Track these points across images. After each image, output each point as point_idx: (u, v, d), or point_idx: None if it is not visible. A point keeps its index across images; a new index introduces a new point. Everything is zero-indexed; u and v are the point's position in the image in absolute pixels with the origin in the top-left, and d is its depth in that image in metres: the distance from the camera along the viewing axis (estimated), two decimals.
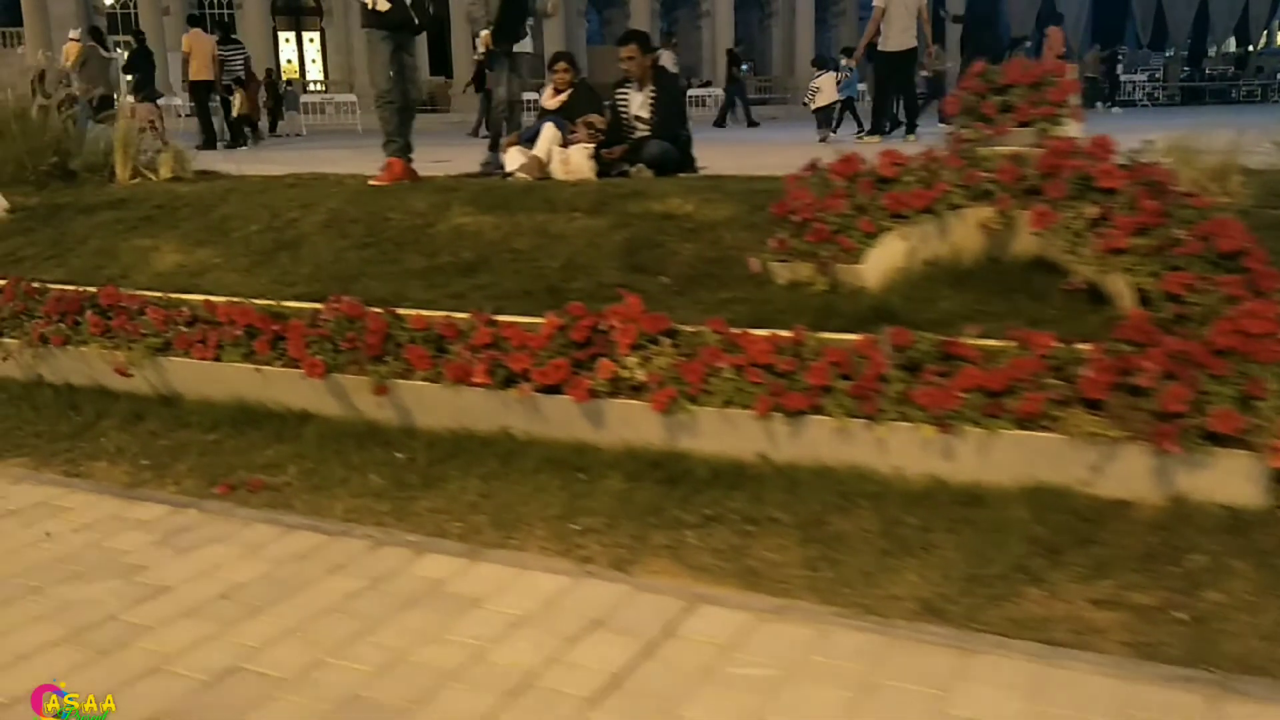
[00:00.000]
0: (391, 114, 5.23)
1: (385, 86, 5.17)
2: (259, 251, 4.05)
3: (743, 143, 13.62)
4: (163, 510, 2.82)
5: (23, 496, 2.96)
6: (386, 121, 5.27)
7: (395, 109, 5.21)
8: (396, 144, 5.26)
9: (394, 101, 5.19)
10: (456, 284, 3.48)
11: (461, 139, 19.00)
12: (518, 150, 5.89)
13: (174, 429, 3.43)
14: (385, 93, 5.20)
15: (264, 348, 3.30)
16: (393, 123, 5.24)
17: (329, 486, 2.93)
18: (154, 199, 5.06)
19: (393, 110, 5.22)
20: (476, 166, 6.87)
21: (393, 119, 5.24)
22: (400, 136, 5.26)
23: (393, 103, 5.21)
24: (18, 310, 3.82)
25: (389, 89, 5.17)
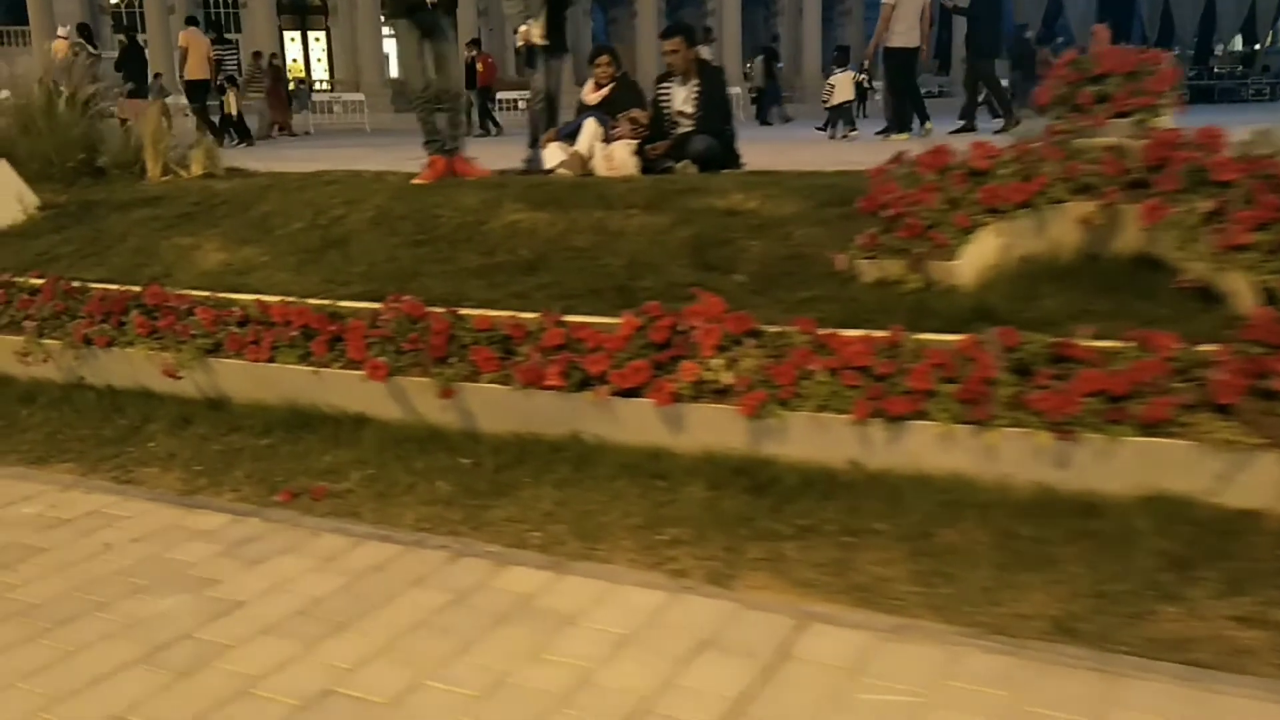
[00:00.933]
0: (428, 111, 4.99)
1: (418, 83, 4.91)
2: (307, 250, 3.95)
3: (768, 140, 13.49)
4: (224, 519, 2.72)
5: (74, 505, 2.87)
6: (424, 119, 5.01)
7: (432, 105, 4.96)
8: (437, 142, 5.03)
9: (429, 98, 4.95)
10: (518, 283, 3.37)
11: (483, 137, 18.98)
12: (558, 146, 5.79)
13: (225, 433, 3.34)
14: (419, 89, 4.94)
15: (321, 349, 3.19)
16: (431, 119, 5.00)
17: (395, 494, 2.83)
18: (189, 196, 4.97)
19: (429, 107, 4.98)
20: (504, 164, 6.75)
21: (431, 116, 5.00)
22: (441, 133, 5.03)
23: (428, 100, 4.96)
24: (58, 310, 3.73)
25: (422, 84, 4.91)
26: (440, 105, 4.95)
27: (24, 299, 3.89)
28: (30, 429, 3.55)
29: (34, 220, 4.89)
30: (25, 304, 3.88)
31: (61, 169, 5.81)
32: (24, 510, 2.84)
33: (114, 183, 5.65)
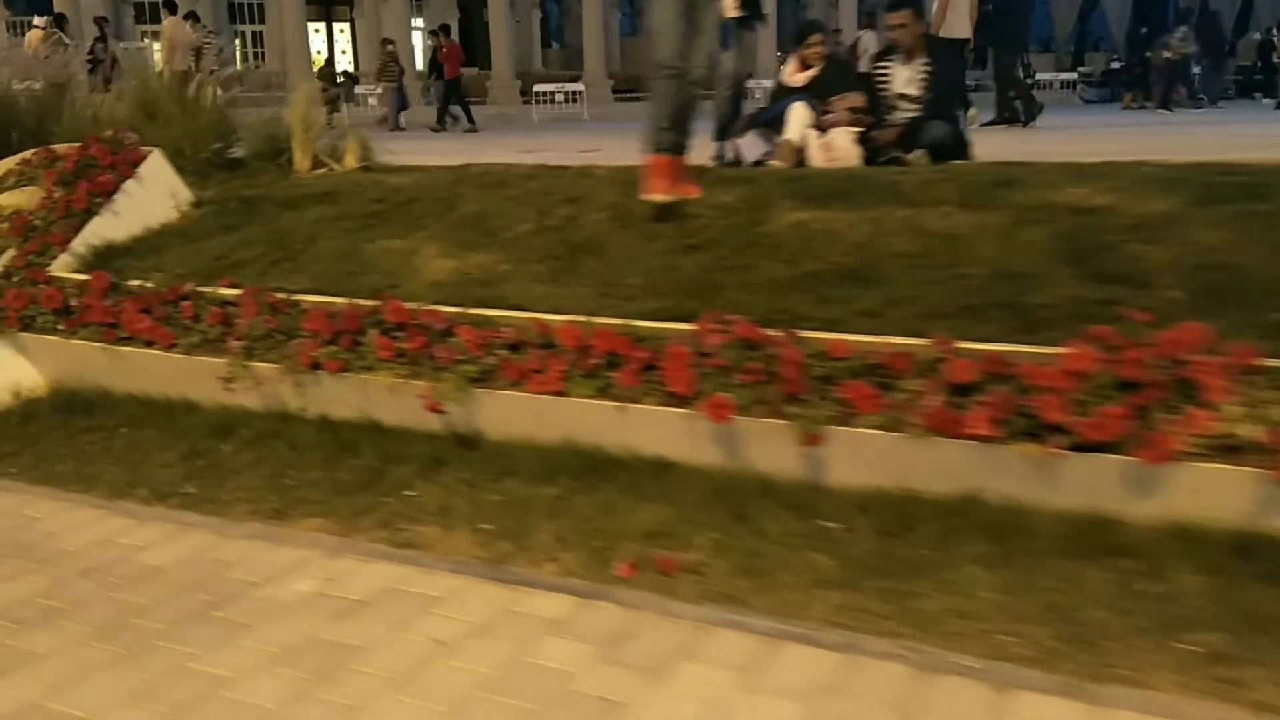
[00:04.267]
0: (673, 90, 3.82)
1: (670, 51, 3.72)
2: (552, 256, 3.45)
3: None
4: (567, 603, 2.21)
5: (357, 579, 2.37)
6: (663, 100, 3.83)
7: (680, 85, 3.82)
8: (669, 135, 3.82)
9: (680, 74, 3.80)
10: (855, 298, 2.85)
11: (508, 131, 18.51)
12: (756, 136, 5.27)
13: (494, 479, 2.85)
14: (669, 58, 3.75)
15: (630, 380, 2.68)
16: (672, 103, 3.83)
17: (765, 570, 2.31)
18: (364, 191, 4.50)
19: (677, 85, 3.82)
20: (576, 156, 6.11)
21: (673, 98, 3.83)
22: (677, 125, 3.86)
23: (678, 75, 3.80)
24: (270, 328, 3.25)
25: (675, 53, 3.73)
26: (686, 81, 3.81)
27: (215, 313, 3.43)
28: (241, 470, 3.08)
29: (191, 218, 4.44)
30: (217, 318, 3.41)
31: (194, 160, 5.36)
32: (299, 588, 2.35)
33: (259, 175, 5.21)
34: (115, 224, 4.17)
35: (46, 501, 2.94)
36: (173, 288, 3.52)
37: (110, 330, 3.51)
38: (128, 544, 2.62)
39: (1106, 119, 15.48)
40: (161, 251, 4.04)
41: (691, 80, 3.76)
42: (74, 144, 4.63)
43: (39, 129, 6.24)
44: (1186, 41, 17.73)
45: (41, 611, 2.26)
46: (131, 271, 3.83)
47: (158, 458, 3.21)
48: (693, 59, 3.70)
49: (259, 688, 1.93)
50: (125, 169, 4.30)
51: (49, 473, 3.17)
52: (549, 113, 23.56)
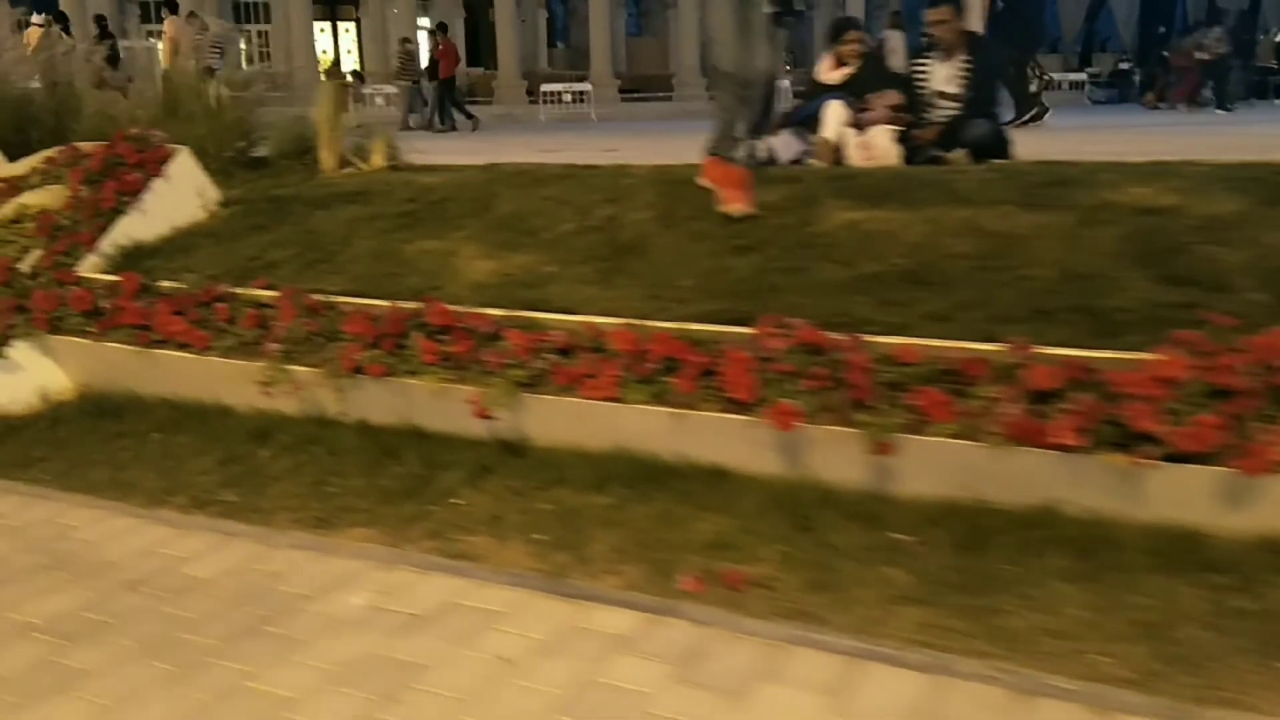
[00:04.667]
0: (738, 100, 3.66)
1: (729, 58, 3.57)
2: (597, 257, 3.37)
3: None
4: (634, 619, 2.14)
5: (412, 592, 2.31)
6: (730, 110, 3.65)
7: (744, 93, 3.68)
8: (738, 144, 3.67)
9: (743, 81, 3.65)
10: (921, 301, 2.77)
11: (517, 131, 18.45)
12: (790, 135, 5.19)
13: (544, 487, 2.78)
14: (729, 66, 3.62)
15: (688, 385, 2.60)
16: (738, 113, 3.68)
17: (838, 585, 2.24)
18: (396, 191, 4.43)
19: (741, 94, 3.66)
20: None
21: (738, 107, 3.67)
22: (744, 134, 3.72)
23: (741, 83, 3.64)
24: (310, 331, 3.17)
25: (738, 62, 3.58)
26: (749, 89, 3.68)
27: (250, 315, 3.35)
28: (280, 477, 3.01)
29: (219, 218, 4.37)
30: (253, 321, 3.34)
31: (217, 159, 5.28)
32: (353, 601, 2.27)
33: (284, 174, 5.13)
34: (143, 224, 4.11)
35: (82, 510, 2.87)
36: (206, 289, 3.45)
37: (143, 333, 3.44)
38: (170, 554, 2.55)
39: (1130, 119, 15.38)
40: (191, 252, 3.97)
41: (754, 84, 3.64)
42: (99, 142, 4.57)
43: (58, 126, 6.18)
44: (1222, 41, 17.61)
45: (87, 626, 2.19)
46: (161, 272, 3.76)
47: (194, 464, 3.13)
48: (752, 62, 3.58)
49: (322, 708, 1.86)
50: (153, 168, 4.23)
51: (82, 479, 3.10)
52: (555, 113, 23.51)
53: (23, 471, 3.19)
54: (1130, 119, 15.53)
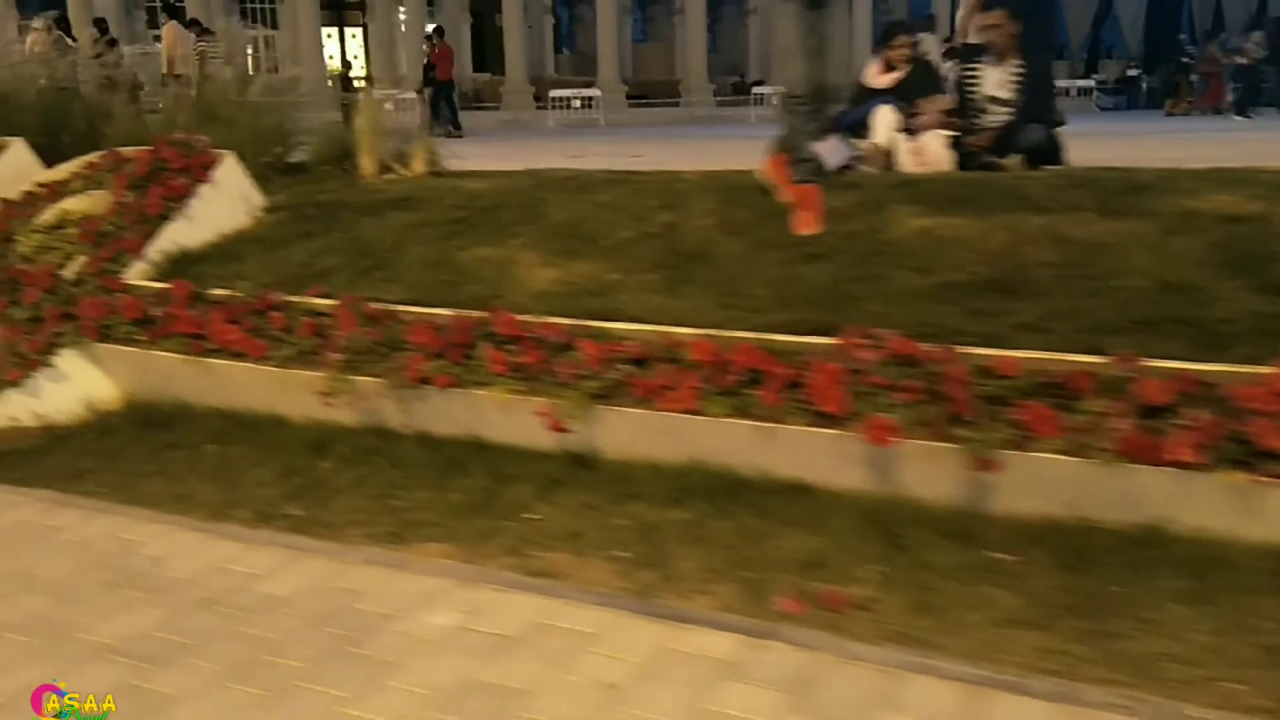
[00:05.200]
0: (807, 119, 3.62)
1: (800, 76, 3.52)
2: (662, 265, 3.31)
3: None
4: (734, 642, 2.07)
5: (497, 612, 2.23)
6: (795, 130, 3.62)
7: (811, 111, 3.62)
8: (810, 164, 3.62)
9: (809, 101, 3.59)
10: (1010, 311, 2.70)
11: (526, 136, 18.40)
12: (837, 140, 5.11)
13: (618, 502, 2.71)
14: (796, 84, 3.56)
15: (773, 398, 2.53)
16: (808, 131, 3.65)
17: (943, 607, 2.16)
18: (443, 198, 4.37)
19: (808, 113, 3.61)
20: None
21: (806, 125, 3.63)
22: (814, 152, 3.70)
23: (807, 102, 3.59)
24: (373, 340, 3.11)
25: (806, 78, 3.52)
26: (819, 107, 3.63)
27: (307, 324, 3.30)
28: (344, 490, 2.94)
29: (265, 224, 4.32)
30: (309, 330, 3.28)
31: (255, 164, 5.23)
32: (437, 621, 2.21)
33: (324, 180, 5.09)
34: (189, 230, 4.06)
35: (145, 524, 2.80)
36: (261, 297, 3.39)
37: (196, 341, 3.38)
38: (242, 571, 2.48)
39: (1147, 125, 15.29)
40: (240, 259, 3.91)
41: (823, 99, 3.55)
42: (142, 147, 4.52)
43: (90, 131, 6.15)
44: (1260, 45, 17.48)
45: (166, 648, 2.13)
46: (211, 280, 3.70)
47: (252, 476, 3.07)
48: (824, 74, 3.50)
49: None
50: (198, 173, 4.18)
51: (139, 492, 3.04)
52: (564, 118, 23.49)
53: (75, 484, 3.13)
54: (1147, 125, 15.44)
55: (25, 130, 5.64)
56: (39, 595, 2.39)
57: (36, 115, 6.18)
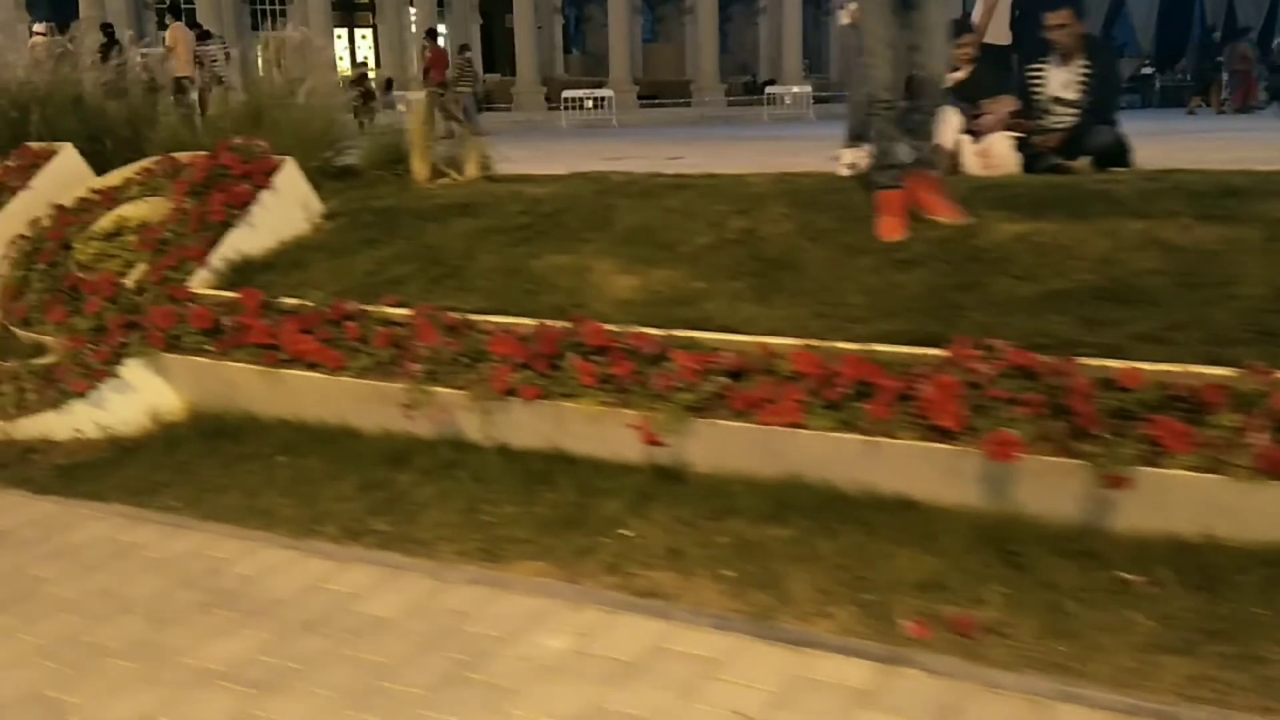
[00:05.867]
0: (893, 122, 3.50)
1: (887, 75, 3.40)
2: (747, 273, 3.24)
3: None
4: (867, 669, 1.99)
5: (615, 635, 2.18)
6: (885, 135, 3.53)
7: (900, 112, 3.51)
8: (895, 169, 3.49)
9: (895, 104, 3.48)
10: (1129, 321, 2.62)
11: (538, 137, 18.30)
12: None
13: (714, 518, 2.64)
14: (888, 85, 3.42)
15: (884, 411, 2.46)
16: (894, 135, 3.52)
17: (1077, 631, 2.09)
18: (504, 203, 4.31)
19: (895, 115, 3.50)
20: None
21: (895, 129, 3.51)
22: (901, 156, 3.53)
23: (893, 106, 3.48)
24: (456, 351, 3.05)
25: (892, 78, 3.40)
26: (917, 108, 3.48)
27: (383, 333, 3.24)
28: (427, 504, 2.88)
29: (325, 231, 4.27)
30: (385, 340, 3.22)
31: (305, 169, 5.19)
32: (551, 644, 2.14)
33: (376, 185, 5.04)
34: (251, 237, 4.01)
35: (228, 540, 2.75)
36: (335, 306, 3.34)
37: (269, 352, 3.33)
38: (339, 590, 2.42)
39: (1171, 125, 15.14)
40: (305, 267, 3.86)
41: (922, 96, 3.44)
42: (198, 152, 4.48)
43: (133, 136, 6.12)
44: None
45: (275, 673, 2.07)
46: (278, 288, 3.65)
47: (330, 490, 3.02)
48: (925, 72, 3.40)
49: None
50: (259, 179, 4.13)
51: (216, 506, 2.99)
52: (576, 118, 23.45)
53: (150, 498, 3.08)
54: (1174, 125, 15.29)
55: (66, 135, 5.62)
56: (134, 617, 2.33)
57: (78, 119, 6.16)
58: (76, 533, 2.86)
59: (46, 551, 2.74)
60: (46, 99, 6.29)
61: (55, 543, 2.80)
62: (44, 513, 3.03)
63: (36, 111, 6.14)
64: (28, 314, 4.01)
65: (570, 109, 23.61)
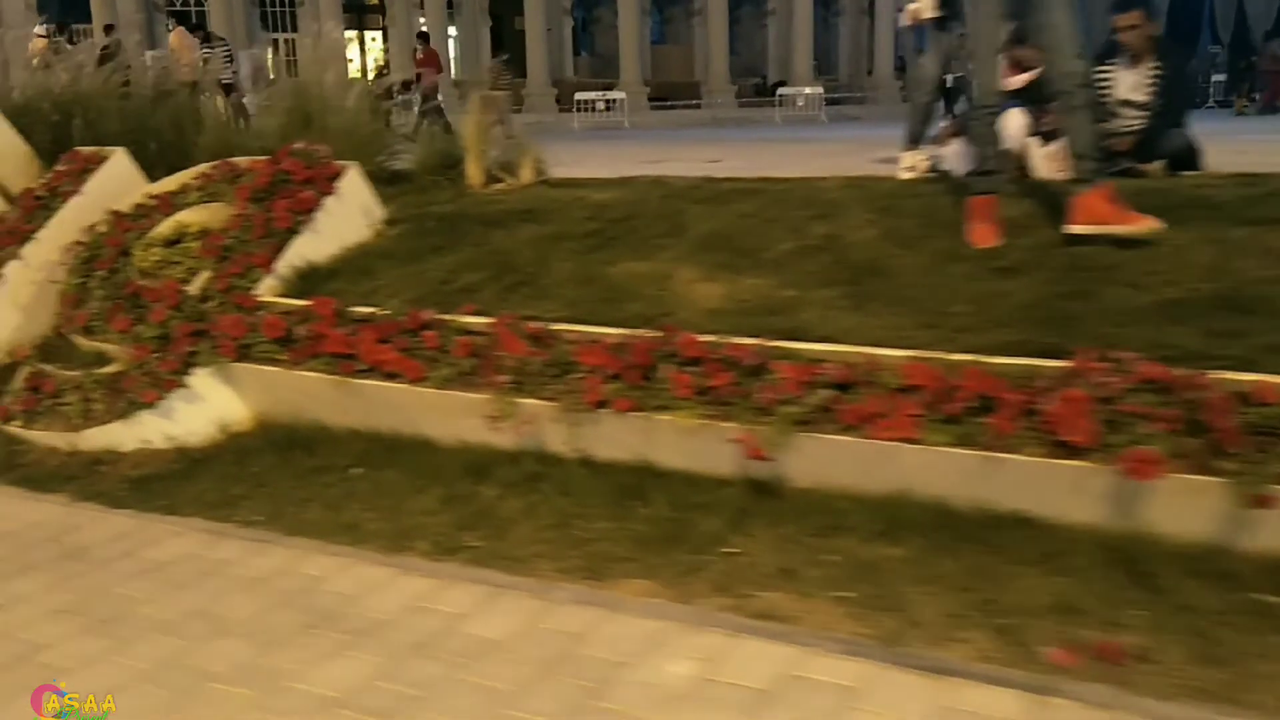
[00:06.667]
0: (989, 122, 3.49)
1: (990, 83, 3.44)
2: (838, 280, 3.16)
3: None
4: (1016, 701, 1.91)
5: (741, 661, 2.10)
6: (984, 138, 3.50)
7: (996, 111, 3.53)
8: (991, 176, 3.44)
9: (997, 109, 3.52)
10: (1253, 332, 2.53)
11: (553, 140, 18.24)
12: (963, 145, 4.94)
13: (820, 535, 2.57)
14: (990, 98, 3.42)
15: (1009, 426, 2.37)
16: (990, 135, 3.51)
17: (1228, 658, 2.01)
18: (569, 208, 4.24)
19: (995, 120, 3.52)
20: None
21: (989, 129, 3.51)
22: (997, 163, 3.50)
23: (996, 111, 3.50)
24: (542, 362, 2.97)
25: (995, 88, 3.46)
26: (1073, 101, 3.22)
27: (462, 343, 3.16)
28: (516, 519, 2.81)
29: (388, 237, 4.20)
30: (465, 349, 3.14)
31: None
32: (674, 670, 2.06)
33: (431, 190, 4.96)
34: (315, 244, 3.94)
35: (318, 556, 2.68)
36: (412, 315, 3.26)
37: (345, 361, 3.25)
38: (442, 610, 2.35)
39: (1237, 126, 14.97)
40: (372, 274, 3.79)
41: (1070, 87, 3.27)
42: (256, 157, 4.42)
43: (179, 140, 6.07)
44: None
45: (395, 700, 1.99)
46: (347, 296, 3.57)
47: (414, 503, 2.95)
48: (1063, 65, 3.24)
49: None
50: (323, 184, 4.07)
51: (299, 521, 2.92)
52: (588, 120, 23.36)
53: (230, 512, 3.02)
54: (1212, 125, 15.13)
55: (109, 138, 5.57)
56: (235, 639, 2.26)
57: (121, 123, 6.12)
58: (159, 549, 2.80)
59: (132, 569, 2.67)
60: (88, 102, 6.25)
61: (139, 559, 2.73)
62: (122, 527, 2.96)
63: (79, 114, 6.10)
64: (89, 322, 3.94)
65: (582, 111, 23.51)
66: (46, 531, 2.96)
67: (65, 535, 2.93)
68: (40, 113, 6.23)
